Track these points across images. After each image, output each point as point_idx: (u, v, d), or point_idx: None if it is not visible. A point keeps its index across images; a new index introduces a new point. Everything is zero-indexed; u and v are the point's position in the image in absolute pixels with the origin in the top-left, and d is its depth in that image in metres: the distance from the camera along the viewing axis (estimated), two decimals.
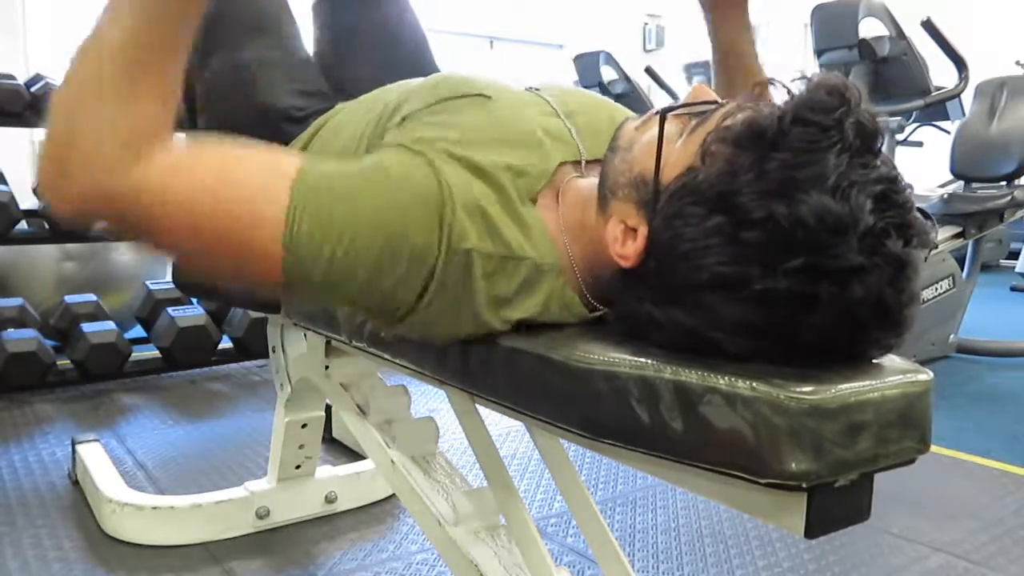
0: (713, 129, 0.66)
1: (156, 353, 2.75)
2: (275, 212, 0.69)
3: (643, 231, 0.69)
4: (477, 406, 0.97)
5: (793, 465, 0.56)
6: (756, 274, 0.61)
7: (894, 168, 0.63)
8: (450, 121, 0.83)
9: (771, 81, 0.67)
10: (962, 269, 3.24)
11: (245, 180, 0.69)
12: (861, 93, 0.64)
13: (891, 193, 0.61)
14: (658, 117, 0.73)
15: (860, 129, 0.62)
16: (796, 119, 0.62)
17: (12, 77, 2.72)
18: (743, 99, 0.68)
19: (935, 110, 3.70)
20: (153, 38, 0.66)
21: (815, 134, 0.61)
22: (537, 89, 0.95)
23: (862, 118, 0.62)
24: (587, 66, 4.77)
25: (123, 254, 3.17)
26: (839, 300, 0.60)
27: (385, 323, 0.80)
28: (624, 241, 0.71)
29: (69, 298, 2.76)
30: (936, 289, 3.10)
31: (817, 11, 3.33)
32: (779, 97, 0.66)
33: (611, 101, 1.01)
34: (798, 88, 0.64)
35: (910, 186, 0.63)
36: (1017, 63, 4.84)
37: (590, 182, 0.81)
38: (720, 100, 0.72)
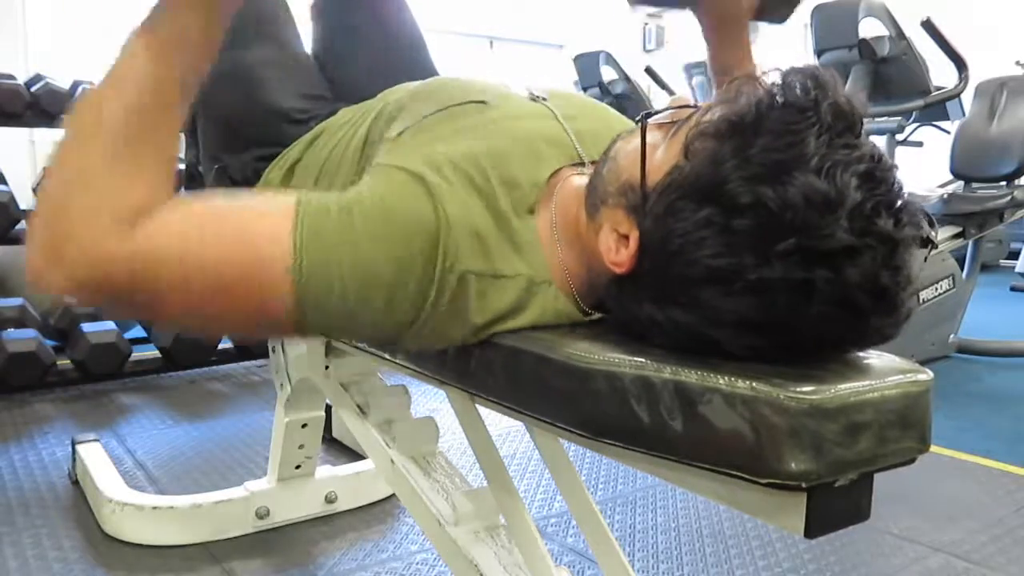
0: (693, 127, 0.67)
1: (156, 353, 2.75)
2: (281, 250, 0.68)
3: (635, 236, 0.69)
4: (477, 406, 0.97)
5: (793, 465, 0.56)
6: (749, 263, 0.60)
7: (877, 149, 0.63)
8: (447, 134, 0.83)
9: (748, 76, 0.67)
10: (962, 269, 3.24)
11: (245, 226, 0.69)
12: (837, 79, 0.64)
13: (876, 171, 0.61)
14: (639, 125, 0.74)
15: (837, 110, 0.62)
16: (772, 104, 0.62)
17: (12, 77, 2.72)
18: (719, 96, 0.68)
19: (935, 110, 3.70)
20: (158, 102, 0.67)
21: (792, 115, 0.61)
22: (538, 94, 0.95)
23: (838, 100, 0.62)
24: (587, 66, 4.78)
25: None
26: (835, 285, 0.59)
27: (381, 343, 0.81)
28: (617, 249, 0.71)
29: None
30: (936, 289, 3.10)
31: (817, 11, 3.33)
32: (755, 92, 0.66)
33: (612, 110, 1.01)
34: (771, 79, 0.65)
35: (895, 166, 0.63)
36: (1017, 63, 4.84)
37: (585, 182, 0.81)
38: (698, 104, 0.72)
